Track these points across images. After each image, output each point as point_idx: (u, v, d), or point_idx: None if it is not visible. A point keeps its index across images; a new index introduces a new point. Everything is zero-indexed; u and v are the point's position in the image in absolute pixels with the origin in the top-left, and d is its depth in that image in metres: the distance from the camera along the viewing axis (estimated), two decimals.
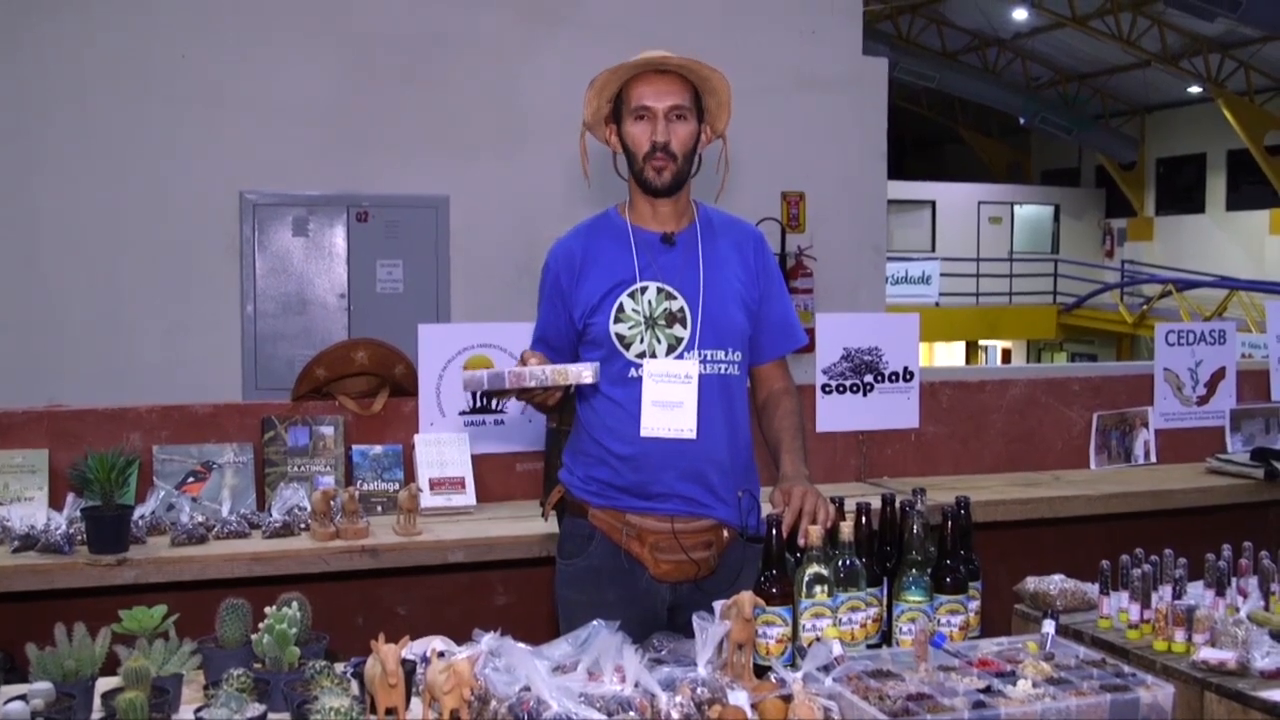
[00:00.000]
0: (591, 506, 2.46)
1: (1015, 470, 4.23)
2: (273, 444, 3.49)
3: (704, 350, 2.42)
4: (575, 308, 2.45)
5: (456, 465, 3.57)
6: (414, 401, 3.64)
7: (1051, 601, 2.57)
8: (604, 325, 2.42)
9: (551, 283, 2.47)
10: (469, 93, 7.04)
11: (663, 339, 2.42)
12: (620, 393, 2.42)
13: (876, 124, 7.83)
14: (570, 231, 2.54)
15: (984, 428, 4.25)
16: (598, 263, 2.45)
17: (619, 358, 2.41)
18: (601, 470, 2.44)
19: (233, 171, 6.63)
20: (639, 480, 2.41)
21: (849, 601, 2.13)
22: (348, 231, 6.85)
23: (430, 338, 3.67)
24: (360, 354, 3.61)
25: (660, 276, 2.43)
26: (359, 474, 3.53)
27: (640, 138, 2.40)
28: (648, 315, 2.42)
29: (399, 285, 6.90)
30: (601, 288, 2.43)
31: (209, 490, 3.39)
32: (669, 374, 2.37)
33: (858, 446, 4.07)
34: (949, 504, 2.29)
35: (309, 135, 6.75)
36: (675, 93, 2.39)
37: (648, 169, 2.40)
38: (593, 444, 2.46)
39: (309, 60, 6.78)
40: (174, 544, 3.06)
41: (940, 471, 4.14)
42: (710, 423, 2.41)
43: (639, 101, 2.39)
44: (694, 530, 2.43)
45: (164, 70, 6.55)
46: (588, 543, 2.46)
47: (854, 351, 4.00)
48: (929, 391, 4.15)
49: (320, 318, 6.82)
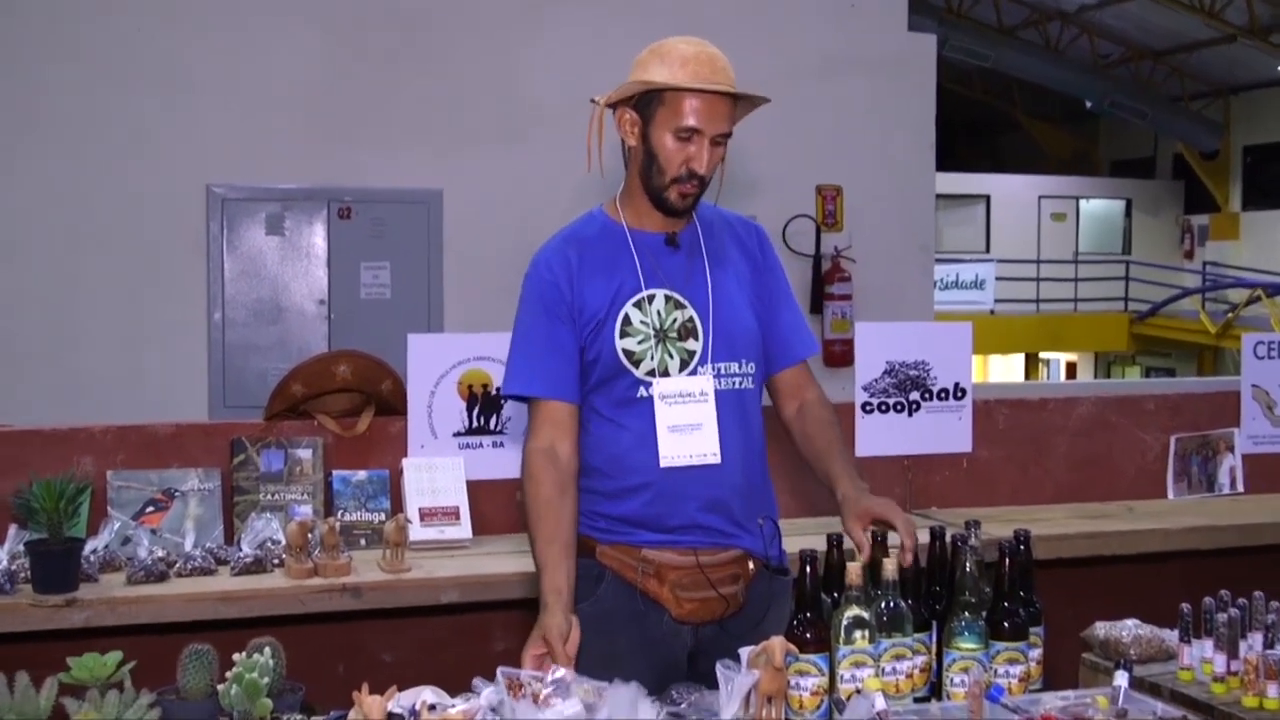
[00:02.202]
0: (599, 543, 2.45)
1: (1082, 500, 4.21)
2: (243, 469, 3.50)
3: (717, 363, 2.43)
4: (579, 320, 2.42)
5: (450, 493, 3.56)
6: (402, 421, 3.64)
7: (1124, 650, 2.55)
8: (608, 341, 2.40)
9: (553, 298, 2.42)
10: (465, 75, 7.08)
11: (675, 354, 2.41)
12: (627, 416, 2.41)
13: (923, 109, 7.85)
14: (555, 240, 2.50)
15: (1046, 452, 4.24)
16: (596, 271, 2.43)
17: (625, 376, 2.41)
18: (609, 504, 2.44)
19: (198, 162, 6.68)
20: (655, 513, 2.41)
21: (893, 649, 2.13)
22: (328, 230, 6.89)
23: (421, 349, 3.67)
24: (342, 368, 3.62)
25: (667, 283, 2.43)
26: (340, 503, 3.53)
27: (677, 156, 2.37)
28: (658, 327, 2.41)
29: (386, 290, 6.93)
30: (604, 299, 2.42)
31: (170, 521, 3.39)
32: (683, 393, 2.37)
33: (902, 473, 4.06)
34: (1006, 538, 2.28)
35: (285, 121, 6.79)
36: (726, 117, 2.38)
37: (674, 192, 2.39)
38: (597, 475, 2.45)
39: (285, 38, 6.82)
40: (130, 582, 3.06)
41: (996, 501, 4.13)
42: (728, 444, 2.42)
43: (688, 120, 2.34)
44: (720, 563, 2.43)
45: (121, 50, 6.60)
46: (596, 584, 2.44)
47: (898, 365, 3.99)
48: (983, 411, 4.14)
49: (297, 327, 6.85)
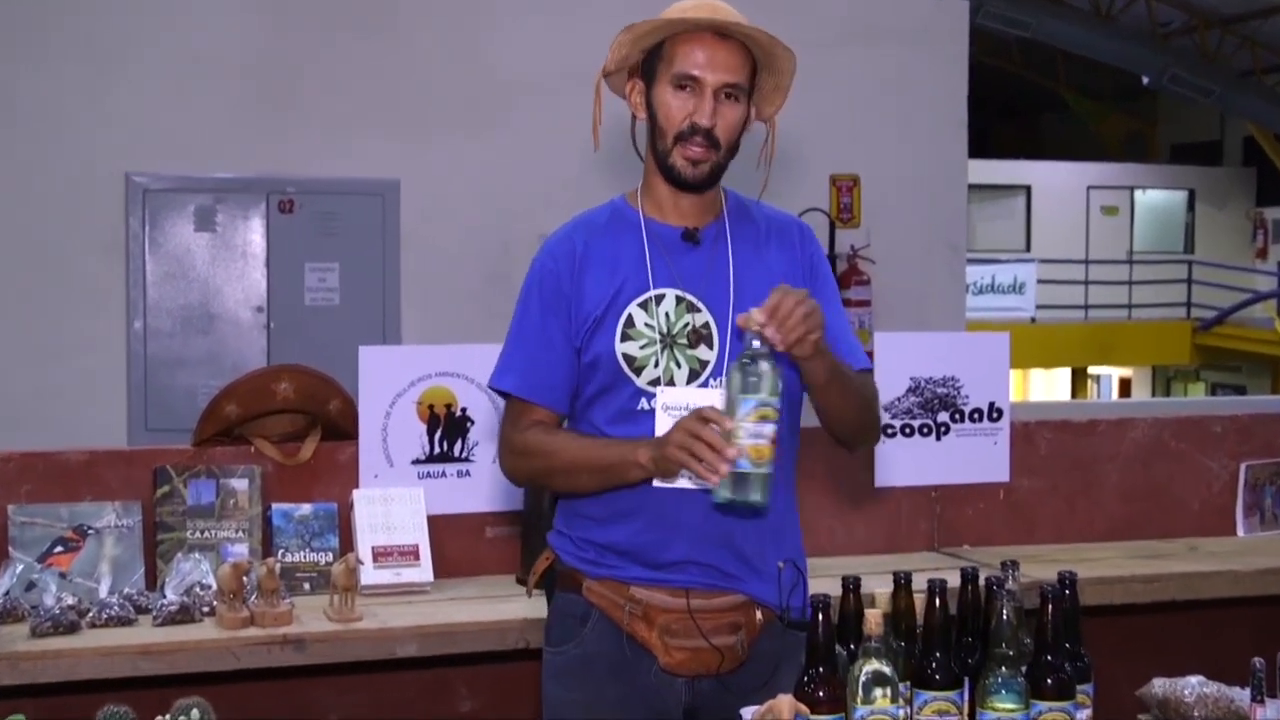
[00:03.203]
0: (587, 577, 2.47)
1: (1137, 538, 4.21)
2: (167, 502, 3.49)
3: None
4: (575, 318, 2.47)
5: (408, 529, 3.56)
6: (353, 447, 3.64)
7: (1187, 711, 2.56)
8: (607, 343, 2.44)
9: (551, 288, 2.48)
10: (427, 48, 7.08)
11: (683, 362, 2.44)
12: (626, 430, 2.43)
13: (954, 86, 7.86)
14: (566, 225, 2.56)
15: (1096, 482, 4.24)
16: (600, 263, 2.47)
17: (626, 385, 2.44)
18: (600, 530, 2.47)
19: (116, 147, 6.66)
20: (647, 542, 2.43)
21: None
22: (267, 225, 6.88)
23: (374, 363, 3.67)
24: (283, 385, 3.61)
25: (680, 282, 2.46)
26: (280, 541, 3.52)
27: (677, 111, 2.41)
28: (665, 331, 2.44)
29: (334, 295, 6.93)
30: (604, 295, 2.45)
31: (82, 563, 3.38)
32: (689, 407, 2.36)
33: (929, 506, 4.07)
34: (1049, 581, 2.29)
35: (217, 100, 6.78)
36: (734, 66, 2.41)
37: (678, 155, 2.42)
38: (589, 497, 2.48)
39: (219, 4, 6.82)
40: (35, 634, 3.04)
41: (1038, 539, 4.13)
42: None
43: (686, 67, 2.39)
44: (716, 609, 2.43)
45: (21, 14, 6.59)
46: (582, 625, 2.46)
47: (924, 382, 4.00)
48: (1023, 434, 4.15)
49: (231, 338, 6.84)
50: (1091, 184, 22.50)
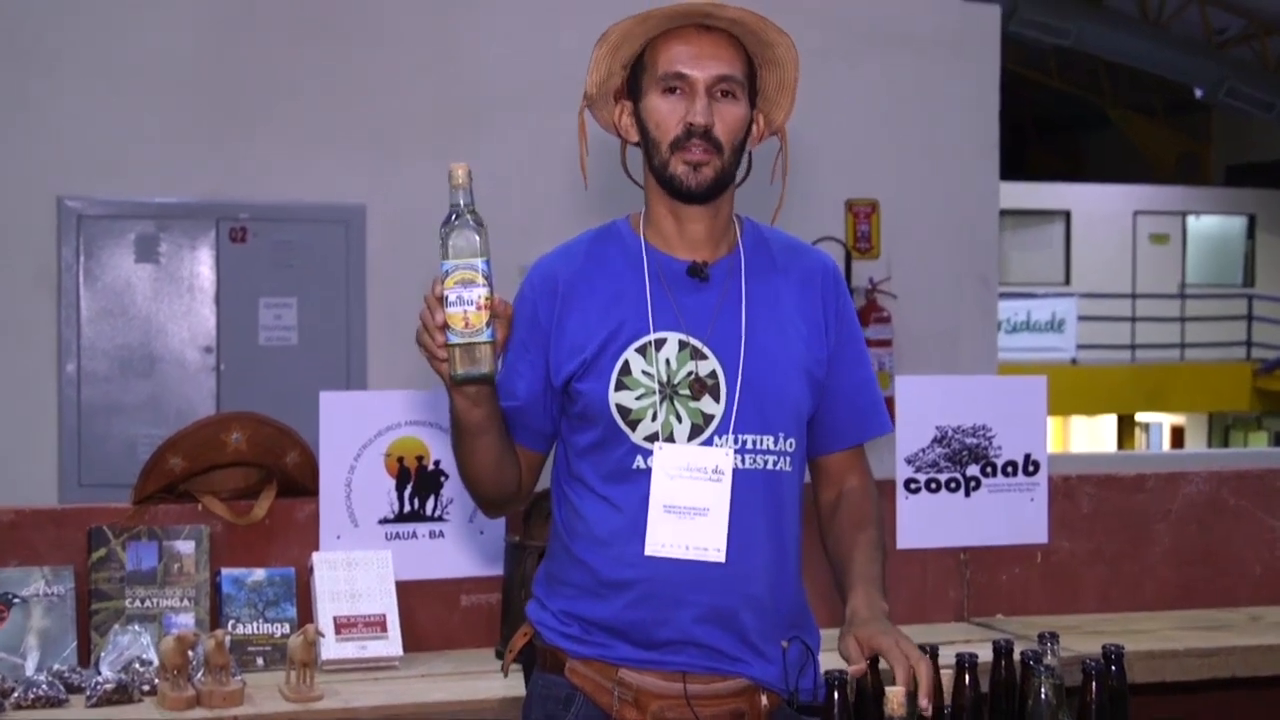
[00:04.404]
0: (570, 657, 2.46)
1: (1191, 606, 4.19)
2: (103, 568, 3.47)
3: (743, 434, 2.44)
4: (555, 358, 2.46)
5: (374, 597, 3.54)
6: (312, 504, 3.64)
7: None
8: (600, 392, 2.43)
9: (526, 318, 2.47)
10: (395, 58, 7.11)
11: (685, 416, 2.43)
12: (620, 491, 2.43)
13: (984, 100, 7.91)
14: (558, 249, 2.57)
15: (1145, 543, 4.23)
16: (592, 297, 2.47)
17: (620, 440, 2.43)
18: (587, 604, 2.45)
19: (46, 168, 6.68)
20: (640, 619, 2.41)
21: None
22: (217, 256, 6.90)
23: (337, 411, 3.67)
24: (234, 436, 3.60)
25: (685, 325, 2.45)
26: (231, 611, 3.50)
27: (669, 117, 2.40)
28: (665, 380, 2.43)
29: (291, 334, 6.94)
30: (596, 335, 2.44)
31: (7, 636, 3.35)
32: (690, 467, 2.38)
33: (958, 571, 4.07)
34: (1093, 656, 2.29)
35: (161, 116, 6.81)
36: (725, 59, 2.41)
37: (677, 162, 2.40)
38: (575, 565, 2.47)
39: (163, 9, 6.85)
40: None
41: (1080, 608, 4.12)
42: (748, 540, 2.42)
43: (672, 66, 2.40)
44: (716, 694, 2.42)
45: None
46: (565, 709, 2.45)
47: (952, 432, 4.01)
48: (1063, 490, 4.15)
49: (176, 382, 6.85)
50: (1139, 209, 22.51)
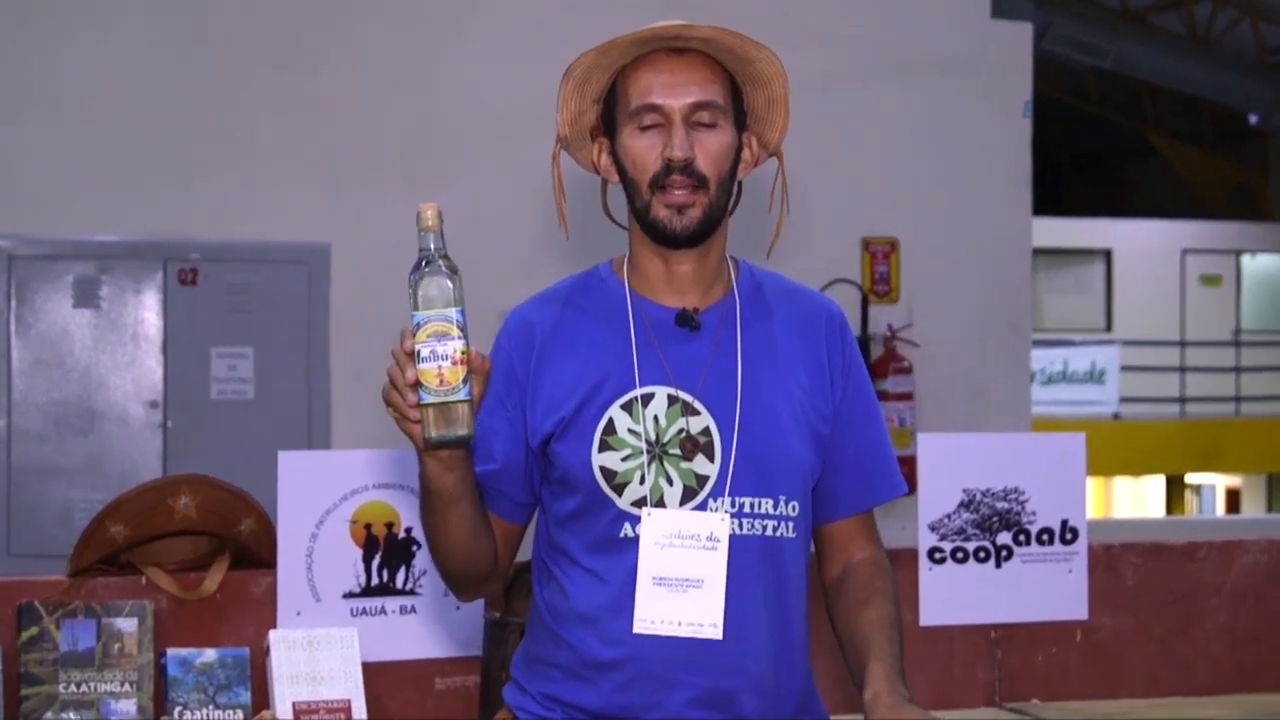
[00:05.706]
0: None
1: (1249, 690, 4.18)
2: (34, 648, 3.44)
3: (741, 497, 2.47)
4: (532, 416, 2.48)
5: (338, 680, 3.52)
6: (270, 577, 3.63)
7: None
8: (582, 454, 2.45)
9: (502, 371, 2.46)
10: (361, 85, 7.19)
11: (676, 478, 2.45)
12: (606, 563, 2.46)
13: (1014, 128, 7.98)
14: (535, 296, 2.60)
15: (1197, 619, 4.21)
16: (573, 349, 2.49)
17: (605, 506, 2.45)
18: (570, 687, 2.48)
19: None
20: (629, 704, 2.44)
21: None
22: (164, 300, 6.96)
23: (297, 472, 3.66)
24: (183, 500, 3.59)
25: (675, 378, 2.48)
26: (178, 696, 3.46)
27: (646, 153, 2.43)
28: (653, 439, 2.45)
29: (247, 388, 6.99)
30: (576, 391, 2.46)
31: None
32: (683, 534, 2.41)
33: (988, 650, 4.06)
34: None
35: (103, 148, 6.88)
36: (700, 84, 2.43)
37: (658, 205, 2.43)
38: (557, 645, 2.49)
39: (104, 30, 6.92)
40: None
41: (1125, 692, 4.11)
42: (747, 614, 2.45)
43: (643, 98, 2.43)
44: None
45: None
46: None
47: (981, 495, 4.02)
48: (1105, 560, 4.13)
49: (118, 440, 6.89)
50: (1187, 247, 22.59)
